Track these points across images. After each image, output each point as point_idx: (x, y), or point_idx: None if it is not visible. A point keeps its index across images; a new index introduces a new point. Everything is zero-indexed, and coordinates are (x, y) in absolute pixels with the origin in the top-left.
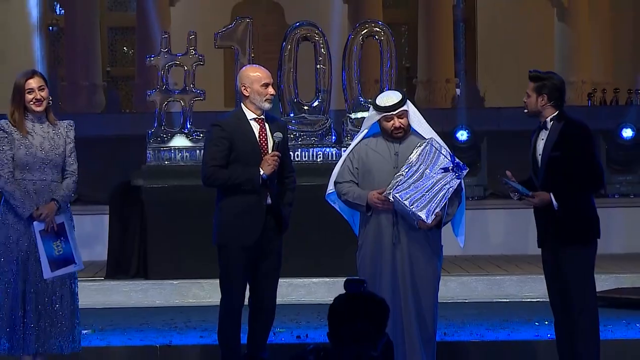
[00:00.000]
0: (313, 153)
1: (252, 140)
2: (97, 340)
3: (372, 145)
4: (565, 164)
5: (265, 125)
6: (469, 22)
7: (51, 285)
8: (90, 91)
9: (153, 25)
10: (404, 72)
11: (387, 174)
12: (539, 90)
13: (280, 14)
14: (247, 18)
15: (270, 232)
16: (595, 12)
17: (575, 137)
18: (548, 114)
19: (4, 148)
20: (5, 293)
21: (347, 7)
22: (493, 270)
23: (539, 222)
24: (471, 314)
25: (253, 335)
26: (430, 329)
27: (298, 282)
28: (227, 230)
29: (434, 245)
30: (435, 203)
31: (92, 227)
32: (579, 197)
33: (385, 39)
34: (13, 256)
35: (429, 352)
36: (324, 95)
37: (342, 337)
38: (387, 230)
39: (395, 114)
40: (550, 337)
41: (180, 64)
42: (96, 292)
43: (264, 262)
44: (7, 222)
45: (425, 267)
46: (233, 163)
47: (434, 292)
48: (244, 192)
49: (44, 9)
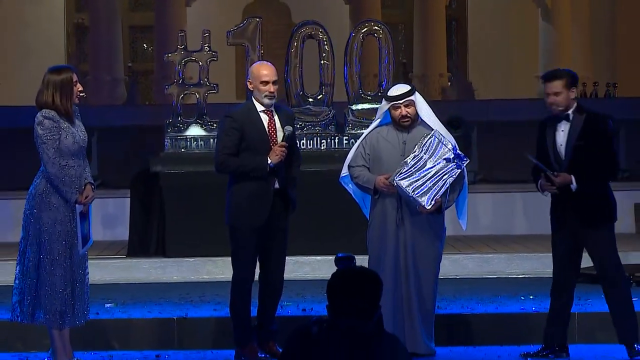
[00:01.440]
0: (317, 141)
1: (262, 131)
2: (119, 313)
3: (383, 133)
4: (588, 152)
5: (274, 117)
6: (460, 22)
7: (84, 261)
8: (112, 85)
9: (170, 24)
10: (401, 67)
11: (395, 161)
12: (569, 85)
13: (287, 14)
14: (257, 18)
15: (278, 214)
16: (576, 12)
17: (597, 129)
18: (571, 106)
19: (54, 137)
20: (51, 271)
21: (348, 7)
22: (482, 249)
23: (558, 207)
24: (462, 289)
25: (263, 308)
26: (429, 304)
27: (304, 260)
28: (238, 212)
29: (436, 228)
30: (435, 190)
31: (115, 210)
32: (597, 183)
33: (384, 37)
34: (59, 236)
35: (427, 323)
36: (327, 88)
37: (340, 311)
38: (392, 214)
39: (402, 103)
40: (535, 310)
41: (196, 59)
42: (118, 269)
43: (272, 242)
44: (52, 205)
45: (426, 248)
46: (244, 151)
47: (434, 271)
48: (254, 178)
49: (70, 10)
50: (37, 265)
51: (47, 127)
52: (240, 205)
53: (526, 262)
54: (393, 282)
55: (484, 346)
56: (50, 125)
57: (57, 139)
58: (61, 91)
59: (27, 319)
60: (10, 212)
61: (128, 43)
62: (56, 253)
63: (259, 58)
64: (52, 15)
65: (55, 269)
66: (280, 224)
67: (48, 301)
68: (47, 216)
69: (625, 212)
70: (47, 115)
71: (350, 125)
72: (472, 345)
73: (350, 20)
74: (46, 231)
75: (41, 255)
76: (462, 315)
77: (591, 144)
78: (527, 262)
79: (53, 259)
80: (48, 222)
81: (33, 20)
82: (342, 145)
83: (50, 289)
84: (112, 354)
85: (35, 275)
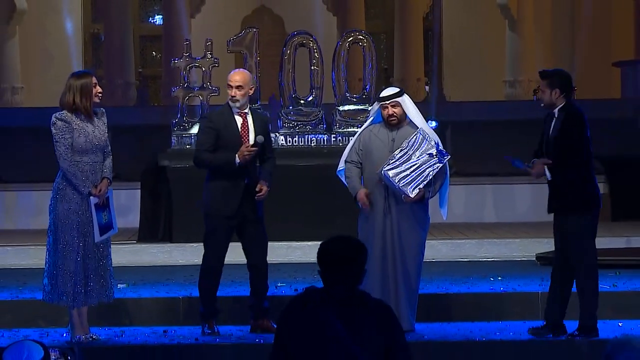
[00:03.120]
0: (307, 139)
1: (235, 131)
2: (130, 292)
3: (375, 131)
4: (558, 143)
5: (247, 119)
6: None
7: (102, 248)
8: (124, 88)
9: (177, 34)
10: (383, 72)
11: (385, 156)
12: (551, 86)
13: (281, 24)
14: (254, 28)
15: (251, 206)
16: (539, 23)
17: (567, 123)
18: (559, 104)
19: (65, 136)
20: (65, 256)
21: (336, 19)
22: (456, 235)
23: (549, 193)
24: (437, 271)
25: (254, 290)
26: (414, 283)
27: (296, 245)
28: (211, 202)
29: (420, 216)
30: (419, 181)
31: (127, 200)
32: (573, 172)
33: (368, 45)
34: (73, 224)
35: (411, 301)
36: (317, 91)
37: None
38: (380, 203)
39: (388, 104)
40: (503, 290)
41: (199, 65)
42: (130, 253)
43: (249, 231)
44: (67, 196)
45: (410, 234)
46: (219, 149)
47: (418, 254)
48: (226, 173)
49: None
50: (55, 250)
51: (59, 127)
52: (214, 196)
53: (495, 247)
54: (381, 264)
55: (457, 322)
56: (61, 126)
57: (69, 138)
58: (81, 93)
59: (51, 298)
60: (33, 201)
61: (139, 51)
62: (70, 240)
63: (255, 64)
64: (71, 25)
65: (68, 255)
66: (253, 215)
67: (62, 283)
68: (62, 207)
69: None
70: (59, 116)
71: (338, 124)
72: (447, 322)
73: (338, 30)
74: (61, 221)
75: (57, 242)
76: (437, 294)
77: (561, 135)
78: (495, 247)
79: (66, 246)
80: (63, 213)
81: (54, 30)
82: (330, 142)
83: (63, 272)
84: (124, 330)
85: (53, 260)
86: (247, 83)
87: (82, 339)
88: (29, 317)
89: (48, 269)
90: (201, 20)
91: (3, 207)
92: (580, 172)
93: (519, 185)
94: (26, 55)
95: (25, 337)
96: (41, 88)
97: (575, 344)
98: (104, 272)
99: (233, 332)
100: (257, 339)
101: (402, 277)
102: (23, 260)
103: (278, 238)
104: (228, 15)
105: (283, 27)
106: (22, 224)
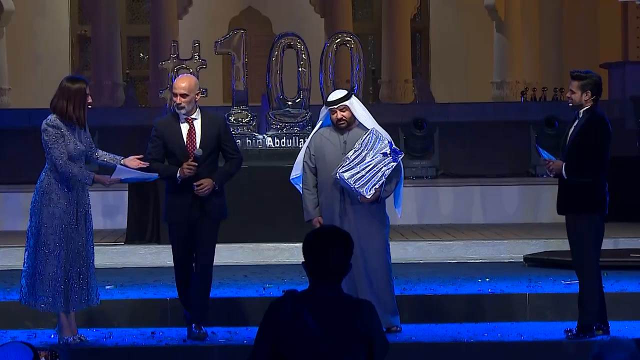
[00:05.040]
0: (295, 140)
1: (180, 139)
2: (118, 294)
3: (325, 134)
4: (576, 144)
5: (194, 125)
6: (423, 33)
7: (84, 253)
8: (112, 89)
9: (164, 35)
10: (370, 73)
11: (337, 159)
12: (583, 88)
13: (268, 26)
14: (242, 29)
15: (201, 216)
16: (527, 25)
17: (588, 126)
18: (586, 106)
19: (59, 141)
20: (46, 260)
21: (323, 20)
22: (444, 237)
23: (559, 193)
24: (425, 272)
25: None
26: (383, 283)
27: (283, 247)
28: (166, 210)
29: (379, 215)
30: (374, 181)
31: (115, 201)
32: (587, 175)
33: (355, 46)
34: (56, 229)
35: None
36: (305, 92)
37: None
38: (335, 206)
39: (337, 108)
40: (491, 291)
41: (187, 67)
42: (117, 254)
43: (199, 237)
44: (52, 201)
45: (372, 234)
46: (168, 157)
47: (383, 252)
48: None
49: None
50: (35, 254)
51: (51, 134)
52: (168, 205)
53: (483, 248)
54: None
55: (445, 323)
56: (53, 132)
57: (62, 142)
58: (74, 101)
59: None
60: (20, 203)
61: (126, 52)
62: (52, 246)
63: (243, 66)
64: (58, 27)
65: (49, 260)
66: (203, 224)
67: (40, 289)
68: (47, 211)
69: None
70: (51, 123)
71: None
72: (435, 323)
73: (325, 32)
74: (44, 224)
75: (38, 246)
76: (425, 296)
77: (580, 139)
78: (483, 248)
79: (48, 251)
80: (46, 216)
81: (41, 32)
82: None
83: (42, 277)
84: (111, 331)
85: (32, 264)
86: (193, 89)
87: (70, 340)
88: (17, 318)
89: (26, 270)
90: (189, 22)
91: None
92: (593, 176)
93: (506, 186)
94: (13, 57)
95: (13, 339)
96: (29, 89)
97: (563, 344)
98: (87, 278)
99: (220, 333)
100: (245, 340)
101: (367, 279)
102: (10, 261)
103: (266, 239)
104: (215, 16)
105: (271, 29)
106: (9, 225)
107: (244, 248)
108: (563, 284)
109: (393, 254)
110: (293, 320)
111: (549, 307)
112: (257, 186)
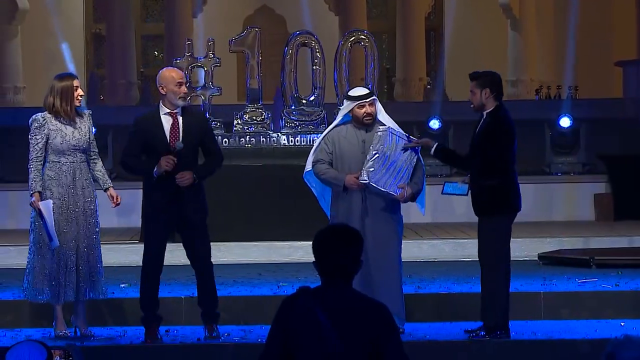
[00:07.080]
0: (310, 138)
1: (161, 135)
2: (132, 292)
3: (343, 133)
4: (480, 148)
5: (178, 119)
6: (438, 31)
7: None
8: (127, 88)
9: (179, 34)
10: (385, 72)
11: (357, 158)
12: (481, 86)
13: (283, 24)
14: (256, 28)
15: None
16: (541, 23)
17: (491, 128)
18: (489, 107)
19: (36, 137)
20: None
21: (338, 18)
22: (458, 235)
23: (472, 196)
24: (440, 270)
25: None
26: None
27: (298, 245)
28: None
29: (395, 216)
30: (403, 176)
31: (129, 199)
32: (492, 178)
33: (370, 44)
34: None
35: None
36: (319, 91)
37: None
38: (357, 205)
39: (368, 102)
40: None
41: (201, 65)
42: (132, 252)
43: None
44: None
45: (388, 234)
46: (148, 153)
47: (397, 255)
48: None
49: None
50: (33, 249)
51: (32, 129)
52: (146, 202)
53: None
54: None
55: (460, 322)
56: (34, 127)
57: (40, 140)
58: (62, 96)
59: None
60: None
61: (140, 50)
62: (42, 241)
63: (257, 64)
64: (73, 25)
65: (45, 253)
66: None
67: (39, 281)
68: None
69: (587, 202)
70: (34, 118)
71: None
72: (449, 321)
73: (340, 30)
74: (35, 221)
75: (31, 243)
76: (440, 294)
77: (482, 142)
78: None
79: (38, 247)
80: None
81: (56, 30)
82: None
83: (40, 270)
84: (126, 329)
85: (32, 258)
86: None
87: (62, 334)
88: (34, 317)
89: (27, 266)
90: (203, 20)
91: (6, 207)
92: (498, 178)
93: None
94: (28, 55)
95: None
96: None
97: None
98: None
99: (235, 332)
100: (260, 338)
101: (381, 280)
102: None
103: (281, 238)
104: (230, 15)
105: (285, 27)
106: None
107: (258, 246)
108: (578, 283)
109: (407, 252)
110: (304, 316)
111: (563, 306)
112: (271, 184)
